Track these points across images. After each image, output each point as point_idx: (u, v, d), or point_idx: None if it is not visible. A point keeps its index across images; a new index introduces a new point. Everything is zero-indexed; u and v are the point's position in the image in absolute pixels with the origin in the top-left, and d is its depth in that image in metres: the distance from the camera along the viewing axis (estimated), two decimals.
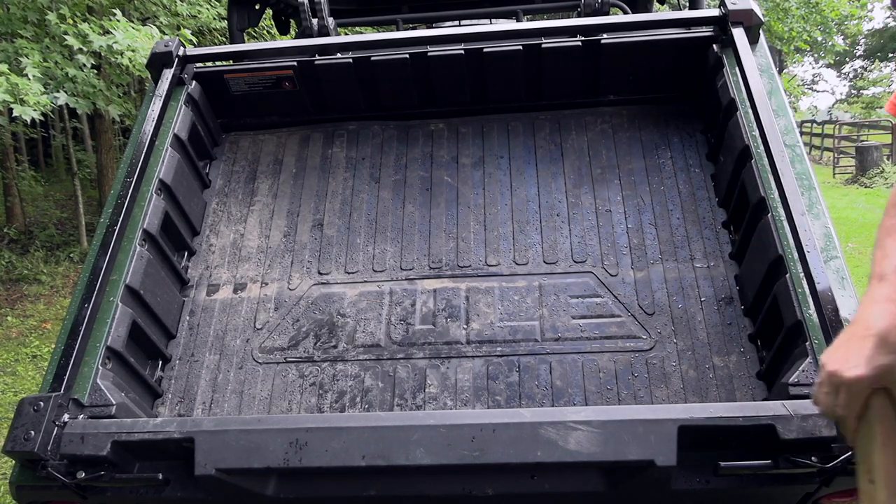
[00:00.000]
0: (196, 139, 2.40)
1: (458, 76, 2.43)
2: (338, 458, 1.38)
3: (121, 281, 1.86)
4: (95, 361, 1.71)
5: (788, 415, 1.34)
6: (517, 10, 3.52)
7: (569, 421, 1.36)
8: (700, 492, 1.42)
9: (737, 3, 2.20)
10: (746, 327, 1.89)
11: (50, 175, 14.15)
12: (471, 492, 1.44)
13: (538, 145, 2.40)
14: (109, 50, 5.76)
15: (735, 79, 2.10)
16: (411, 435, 1.38)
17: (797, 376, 1.50)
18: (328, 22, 2.84)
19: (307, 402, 1.93)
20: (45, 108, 5.49)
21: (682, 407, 1.49)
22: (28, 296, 8.49)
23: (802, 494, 1.45)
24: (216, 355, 2.04)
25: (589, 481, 1.44)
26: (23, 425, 1.49)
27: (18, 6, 6.19)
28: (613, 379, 1.86)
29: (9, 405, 5.75)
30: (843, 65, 37.31)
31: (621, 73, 2.39)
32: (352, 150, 2.48)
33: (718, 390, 1.80)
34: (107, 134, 10.25)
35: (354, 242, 2.23)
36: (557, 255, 2.12)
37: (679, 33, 2.36)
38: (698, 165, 2.26)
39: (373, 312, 2.07)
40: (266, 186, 2.42)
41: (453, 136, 2.47)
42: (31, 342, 7.30)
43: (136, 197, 2.01)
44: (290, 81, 2.46)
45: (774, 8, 14.08)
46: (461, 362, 1.94)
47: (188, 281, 2.21)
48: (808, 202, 1.75)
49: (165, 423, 1.48)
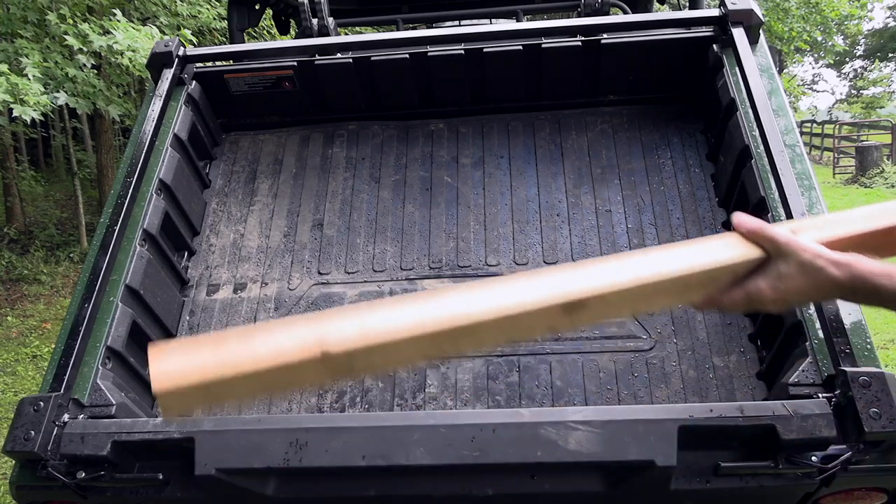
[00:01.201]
0: (196, 139, 2.40)
1: (458, 76, 2.43)
2: (338, 458, 1.38)
3: (121, 281, 1.86)
4: (95, 361, 1.71)
5: (788, 415, 1.34)
6: (517, 10, 3.52)
7: (569, 421, 1.36)
8: (700, 492, 1.42)
9: (737, 3, 2.19)
10: (746, 327, 1.89)
11: (50, 175, 14.15)
12: (471, 492, 1.44)
13: (538, 145, 2.40)
14: (109, 50, 5.76)
15: (735, 79, 2.10)
16: (411, 435, 1.38)
17: (797, 376, 1.50)
18: (328, 22, 2.84)
19: (307, 402, 1.93)
20: (45, 108, 5.49)
21: (682, 407, 1.49)
22: (28, 296, 8.49)
23: (802, 494, 1.44)
24: None
25: (589, 481, 1.44)
26: (23, 425, 1.49)
27: (18, 6, 6.19)
28: (613, 379, 1.86)
29: (9, 405, 5.76)
30: (843, 65, 37.31)
31: (621, 73, 2.39)
32: (352, 150, 2.48)
33: (718, 390, 1.80)
34: (107, 134, 10.25)
35: (354, 242, 2.23)
36: (557, 255, 2.12)
37: (679, 33, 2.36)
38: (698, 165, 2.26)
39: None
40: (266, 186, 2.42)
41: (453, 136, 2.47)
42: (31, 342, 7.30)
43: (136, 197, 2.01)
44: (290, 81, 2.46)
45: (774, 8, 14.09)
46: (461, 362, 1.94)
47: (188, 281, 2.20)
48: (808, 202, 1.75)
49: (165, 423, 1.48)
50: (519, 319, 1.04)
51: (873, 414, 1.29)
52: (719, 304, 1.10)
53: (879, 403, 1.30)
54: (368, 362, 0.99)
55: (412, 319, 0.99)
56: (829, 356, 1.47)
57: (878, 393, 1.32)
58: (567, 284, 1.06)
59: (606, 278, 1.07)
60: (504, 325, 1.02)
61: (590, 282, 1.07)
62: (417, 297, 1.04)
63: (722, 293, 1.11)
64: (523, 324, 1.04)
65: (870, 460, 1.32)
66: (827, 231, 1.12)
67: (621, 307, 1.14)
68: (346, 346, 0.95)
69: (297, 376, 0.96)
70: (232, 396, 0.96)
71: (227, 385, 0.93)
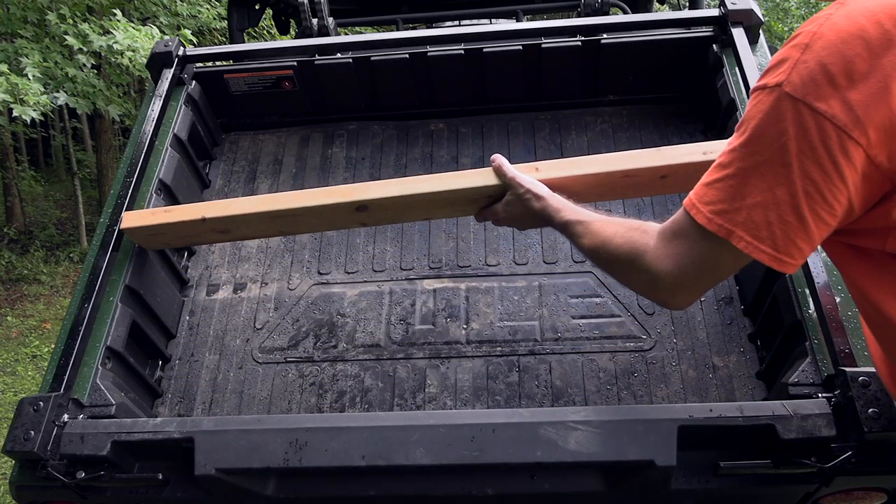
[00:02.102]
0: (196, 139, 2.40)
1: (458, 76, 2.43)
2: (338, 458, 1.38)
3: (121, 281, 1.86)
4: (95, 361, 1.72)
5: (788, 415, 1.34)
6: (517, 10, 3.52)
7: (569, 421, 1.36)
8: (700, 492, 1.42)
9: (737, 3, 2.20)
10: (746, 327, 1.90)
11: (50, 175, 14.16)
12: (471, 492, 1.44)
13: (538, 145, 2.40)
14: (109, 50, 5.77)
15: (735, 79, 2.10)
16: (411, 435, 1.38)
17: (797, 376, 1.50)
18: (328, 22, 2.84)
19: (307, 402, 1.93)
20: (45, 108, 5.49)
21: (682, 407, 1.49)
22: (28, 296, 8.50)
23: (802, 494, 1.45)
24: (216, 355, 2.04)
25: (589, 481, 1.44)
26: (22, 425, 1.49)
27: (18, 6, 6.19)
28: (613, 379, 1.86)
29: (9, 405, 5.76)
30: None
31: (621, 73, 2.39)
32: (352, 150, 2.48)
33: (718, 390, 1.80)
34: (107, 134, 10.25)
35: (354, 242, 2.23)
36: (557, 255, 2.12)
37: (679, 33, 2.36)
38: None
39: (373, 312, 2.07)
40: (266, 186, 2.42)
41: (453, 136, 2.47)
42: (31, 342, 7.30)
43: (136, 197, 2.02)
44: (289, 81, 2.46)
45: (774, 8, 14.09)
46: (461, 362, 1.94)
47: (188, 281, 2.21)
48: None
49: (165, 423, 1.49)
50: (320, 211, 1.77)
51: (873, 414, 1.30)
52: (480, 217, 1.67)
53: (879, 403, 1.30)
54: (233, 226, 1.87)
55: (258, 205, 1.83)
56: (828, 356, 1.47)
57: (878, 393, 1.32)
58: (360, 192, 1.74)
59: (390, 190, 1.72)
60: (312, 214, 1.78)
61: (377, 191, 1.73)
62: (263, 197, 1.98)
63: (481, 210, 1.65)
64: (326, 216, 1.80)
65: (869, 460, 1.32)
66: (555, 172, 1.60)
67: (402, 212, 1.81)
68: (216, 214, 1.83)
69: (187, 230, 1.89)
70: (164, 236, 1.93)
71: (158, 229, 1.88)
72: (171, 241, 2.00)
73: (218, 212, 1.84)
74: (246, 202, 1.87)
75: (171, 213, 1.89)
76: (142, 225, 1.89)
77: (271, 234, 2.06)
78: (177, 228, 1.88)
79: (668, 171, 1.64)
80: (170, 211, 1.92)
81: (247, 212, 1.82)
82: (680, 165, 1.61)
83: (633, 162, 1.64)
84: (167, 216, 1.89)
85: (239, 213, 1.83)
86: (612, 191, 1.72)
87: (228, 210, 1.84)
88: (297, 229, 1.99)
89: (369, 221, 1.87)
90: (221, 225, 1.87)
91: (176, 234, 1.91)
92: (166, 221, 1.87)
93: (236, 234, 1.96)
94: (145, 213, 1.94)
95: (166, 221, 1.87)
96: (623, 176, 1.64)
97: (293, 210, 1.80)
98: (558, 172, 1.61)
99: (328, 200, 1.77)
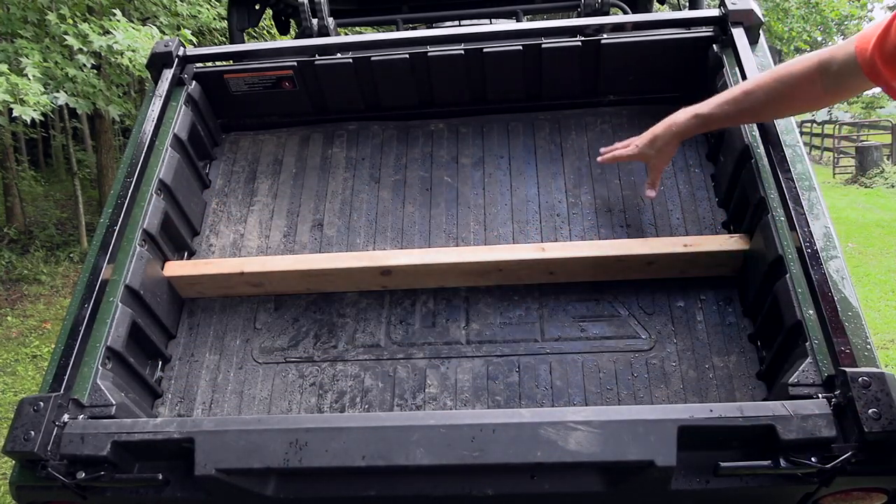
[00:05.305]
0: (196, 139, 2.40)
1: (458, 76, 2.43)
2: (338, 459, 1.38)
3: (121, 281, 1.86)
4: (95, 361, 1.72)
5: (788, 415, 1.34)
6: (517, 10, 3.52)
7: (569, 421, 1.36)
8: (700, 492, 1.42)
9: (737, 3, 2.19)
10: (746, 327, 1.89)
11: (50, 175, 14.16)
12: (471, 492, 1.44)
13: (538, 145, 2.40)
14: (109, 50, 5.77)
15: (735, 79, 2.10)
16: (411, 435, 1.38)
17: (797, 376, 1.50)
18: (328, 22, 2.84)
19: (307, 402, 1.93)
20: (45, 108, 5.49)
21: (682, 407, 1.49)
22: (28, 296, 8.50)
23: (802, 495, 1.45)
24: (216, 355, 2.04)
25: (589, 481, 1.44)
26: (22, 425, 1.49)
27: (18, 6, 6.20)
28: (613, 379, 1.86)
29: (9, 405, 5.76)
30: None
31: (621, 73, 2.39)
32: (352, 150, 2.48)
33: (718, 390, 1.80)
34: (107, 134, 10.25)
35: (354, 242, 2.23)
36: None
37: (679, 33, 2.36)
38: (698, 165, 2.25)
39: (372, 312, 2.07)
40: (266, 186, 2.42)
41: (453, 136, 2.47)
42: (31, 342, 7.30)
43: (136, 197, 2.01)
44: (289, 81, 2.46)
45: (774, 8, 14.09)
46: (461, 362, 1.94)
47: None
48: (808, 202, 1.75)
49: (165, 424, 1.49)
50: (348, 273, 2.04)
51: (873, 414, 1.29)
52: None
53: (879, 404, 1.30)
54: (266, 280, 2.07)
55: (293, 264, 2.06)
56: (829, 356, 1.47)
57: (878, 393, 1.32)
58: (385, 258, 2.03)
59: (412, 258, 2.03)
60: (340, 275, 2.04)
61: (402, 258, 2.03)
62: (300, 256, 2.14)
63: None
64: (353, 277, 2.05)
65: (870, 461, 1.32)
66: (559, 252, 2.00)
67: (421, 279, 2.06)
68: (254, 269, 2.05)
69: (224, 282, 2.07)
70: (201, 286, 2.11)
71: (198, 279, 2.08)
72: (206, 291, 2.13)
73: (256, 267, 2.04)
74: (282, 261, 2.07)
75: (212, 266, 2.07)
76: (183, 274, 2.06)
77: (300, 291, 2.14)
78: (215, 280, 2.06)
79: (653, 259, 1.94)
80: (210, 263, 2.09)
81: (282, 269, 2.03)
82: (663, 255, 1.93)
83: (626, 249, 1.96)
84: (208, 268, 2.06)
85: (275, 270, 2.03)
86: (606, 272, 2.01)
87: (265, 266, 2.04)
88: (323, 287, 2.11)
89: (390, 284, 2.08)
90: (256, 279, 2.06)
91: (214, 284, 2.08)
92: (207, 273, 2.05)
93: (268, 289, 2.11)
94: (187, 264, 2.11)
95: (207, 273, 2.05)
96: (616, 260, 1.96)
97: (324, 270, 2.03)
98: (561, 253, 1.97)
99: (357, 264, 2.02)
